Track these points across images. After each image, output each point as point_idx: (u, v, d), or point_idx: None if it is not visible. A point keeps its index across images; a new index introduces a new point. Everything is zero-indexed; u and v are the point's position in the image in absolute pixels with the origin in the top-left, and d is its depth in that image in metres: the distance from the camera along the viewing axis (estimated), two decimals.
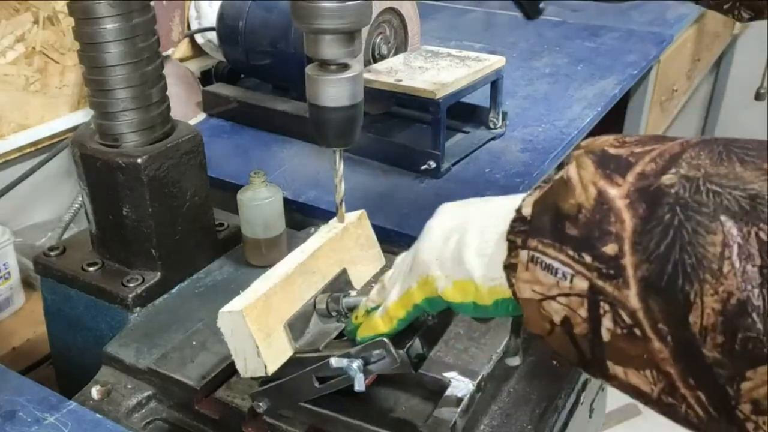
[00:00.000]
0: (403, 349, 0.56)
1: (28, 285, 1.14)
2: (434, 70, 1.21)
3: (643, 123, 1.94)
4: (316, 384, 0.62)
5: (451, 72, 1.19)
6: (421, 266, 0.52)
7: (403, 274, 0.55)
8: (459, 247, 0.49)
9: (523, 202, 0.45)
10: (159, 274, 0.84)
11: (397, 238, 0.98)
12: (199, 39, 1.52)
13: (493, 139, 1.30)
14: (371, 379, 0.70)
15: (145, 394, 0.74)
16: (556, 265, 0.41)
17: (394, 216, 1.05)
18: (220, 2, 1.37)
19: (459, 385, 0.68)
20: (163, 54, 1.09)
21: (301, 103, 1.32)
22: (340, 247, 0.71)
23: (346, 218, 0.73)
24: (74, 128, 1.24)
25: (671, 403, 0.38)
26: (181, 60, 1.51)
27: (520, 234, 0.44)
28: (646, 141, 0.41)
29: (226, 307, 0.62)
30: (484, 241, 0.47)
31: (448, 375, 0.69)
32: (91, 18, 0.74)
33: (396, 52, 1.30)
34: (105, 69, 0.76)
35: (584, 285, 0.40)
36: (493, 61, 1.24)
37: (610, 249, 0.38)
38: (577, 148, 0.44)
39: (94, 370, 0.77)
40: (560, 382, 0.81)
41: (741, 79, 2.97)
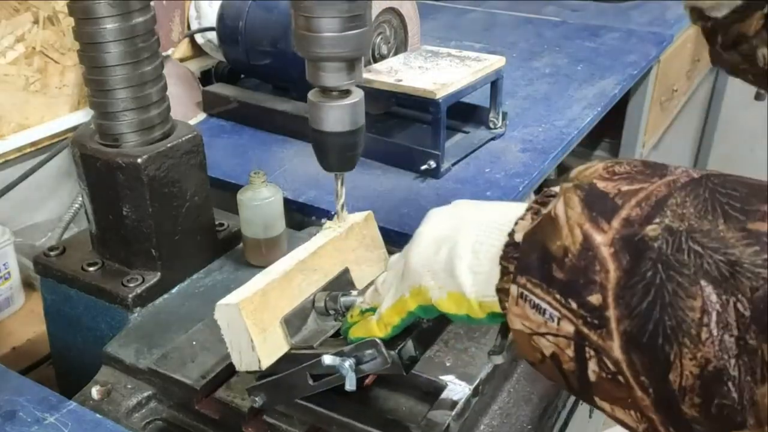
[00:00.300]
0: (396, 350, 0.57)
1: (28, 285, 1.14)
2: (434, 70, 1.20)
3: (643, 123, 1.93)
4: (311, 381, 0.62)
5: (451, 72, 1.19)
6: (413, 276, 0.52)
7: (396, 280, 0.55)
8: (451, 259, 0.49)
9: (516, 227, 0.46)
10: (159, 274, 0.84)
11: (397, 238, 0.98)
12: (199, 39, 1.52)
13: (493, 139, 1.30)
14: (372, 379, 0.70)
15: (145, 394, 0.74)
16: (543, 305, 0.42)
17: (394, 216, 1.05)
18: (220, 2, 1.37)
19: (455, 389, 0.68)
20: (163, 54, 1.09)
21: (301, 103, 1.32)
22: (345, 246, 0.71)
23: (352, 218, 0.73)
24: (74, 128, 1.24)
25: None
26: (181, 60, 1.51)
27: (512, 260, 0.45)
28: (634, 175, 0.41)
29: (223, 300, 0.62)
30: (477, 259, 0.48)
31: (445, 378, 0.70)
32: (91, 18, 0.74)
33: (396, 52, 1.30)
34: (105, 69, 0.76)
35: (570, 329, 0.40)
36: (493, 61, 1.24)
37: (595, 299, 0.39)
38: (566, 178, 0.44)
39: (94, 370, 0.77)
40: None
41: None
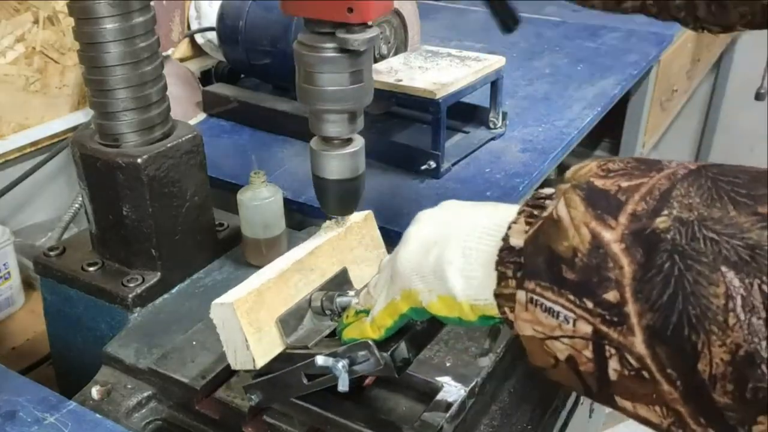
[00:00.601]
0: (388, 352, 0.57)
1: (28, 285, 1.14)
2: (434, 70, 1.20)
3: (643, 123, 1.93)
4: (305, 381, 0.62)
5: (451, 72, 1.19)
6: (403, 279, 0.52)
7: (387, 283, 0.55)
8: (440, 263, 0.49)
9: (510, 231, 0.45)
10: (159, 274, 0.84)
11: (397, 238, 0.97)
12: (199, 39, 1.52)
13: (493, 139, 1.30)
14: (371, 380, 0.70)
15: (145, 394, 0.74)
16: (557, 308, 0.41)
17: (394, 216, 1.05)
18: (220, 2, 1.37)
19: (451, 390, 0.68)
20: (163, 54, 1.09)
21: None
22: (343, 246, 0.71)
23: (351, 218, 0.73)
24: (74, 128, 1.24)
25: None
26: (181, 60, 1.51)
27: (509, 265, 0.44)
28: (630, 171, 0.41)
29: (218, 299, 0.62)
30: (468, 263, 0.47)
31: (442, 379, 0.69)
32: (91, 18, 0.74)
33: (396, 52, 1.30)
34: (105, 69, 0.76)
35: (588, 329, 0.40)
36: (493, 61, 1.24)
37: (612, 296, 0.38)
38: (561, 179, 0.44)
39: (94, 370, 0.77)
40: None
41: (741, 79, 2.97)
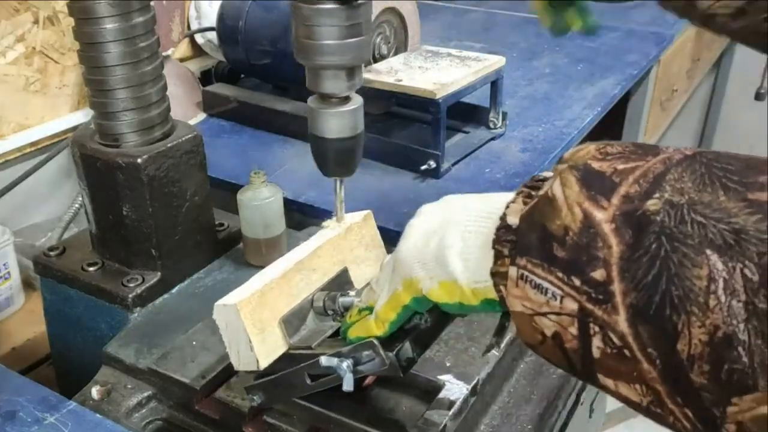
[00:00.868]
0: (393, 352, 0.56)
1: (28, 285, 1.14)
2: (434, 70, 1.20)
3: (643, 123, 1.93)
4: (308, 381, 0.62)
5: (451, 72, 1.19)
6: (404, 268, 0.52)
7: (389, 276, 0.55)
8: (440, 249, 0.49)
9: (507, 210, 0.46)
10: (159, 274, 0.84)
11: (397, 238, 0.98)
12: (199, 39, 1.52)
13: (493, 139, 1.30)
14: (372, 379, 0.70)
15: (145, 394, 0.74)
16: (545, 285, 0.42)
17: (394, 216, 1.05)
18: (220, 2, 1.37)
19: (453, 388, 0.68)
20: (163, 54, 1.09)
21: (301, 103, 1.32)
22: (344, 246, 0.71)
23: (351, 218, 0.73)
24: (74, 128, 1.24)
25: (660, 413, 0.39)
26: (181, 60, 1.51)
27: (506, 243, 0.45)
28: (628, 155, 0.42)
29: (221, 300, 0.62)
30: (467, 246, 0.48)
31: (444, 377, 0.70)
32: (91, 18, 0.74)
33: (396, 52, 1.30)
34: (105, 69, 0.76)
35: (574, 306, 0.40)
36: (493, 61, 1.24)
37: (599, 274, 0.39)
38: (560, 160, 0.44)
39: (94, 370, 0.77)
40: (560, 382, 0.81)
41: (741, 79, 2.97)
